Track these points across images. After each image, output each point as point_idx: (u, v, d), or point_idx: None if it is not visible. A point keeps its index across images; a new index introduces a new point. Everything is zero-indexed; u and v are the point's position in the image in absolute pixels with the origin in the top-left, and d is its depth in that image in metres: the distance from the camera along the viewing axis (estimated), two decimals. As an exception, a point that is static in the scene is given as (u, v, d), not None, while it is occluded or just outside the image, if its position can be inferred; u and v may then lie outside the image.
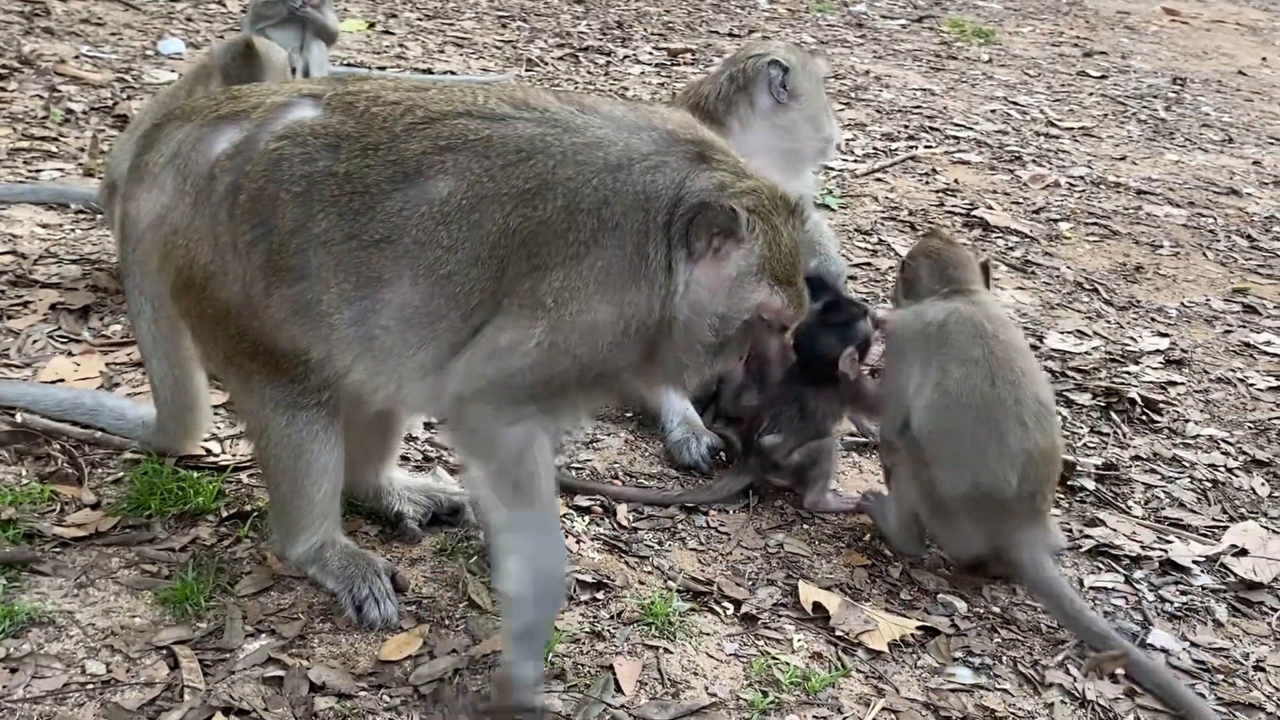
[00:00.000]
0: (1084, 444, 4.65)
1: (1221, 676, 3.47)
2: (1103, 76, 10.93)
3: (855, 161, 7.83)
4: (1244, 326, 5.87)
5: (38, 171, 5.84)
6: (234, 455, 3.83)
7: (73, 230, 5.29)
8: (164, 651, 3.02)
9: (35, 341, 4.38)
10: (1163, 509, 4.27)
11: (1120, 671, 3.37)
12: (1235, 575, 3.90)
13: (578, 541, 3.67)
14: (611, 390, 3.10)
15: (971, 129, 8.78)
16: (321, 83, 3.23)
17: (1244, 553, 4.00)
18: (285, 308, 2.97)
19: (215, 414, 3.98)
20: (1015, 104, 9.63)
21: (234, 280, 2.99)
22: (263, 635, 3.12)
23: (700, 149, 2.96)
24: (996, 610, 3.61)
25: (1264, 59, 12.42)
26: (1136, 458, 4.59)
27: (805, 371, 3.99)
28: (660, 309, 2.88)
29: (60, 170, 5.90)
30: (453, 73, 8.42)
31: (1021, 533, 3.58)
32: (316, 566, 3.29)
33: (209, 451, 3.85)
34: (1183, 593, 3.82)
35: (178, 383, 3.51)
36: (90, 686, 2.89)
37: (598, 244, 2.84)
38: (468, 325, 2.93)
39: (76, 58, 7.55)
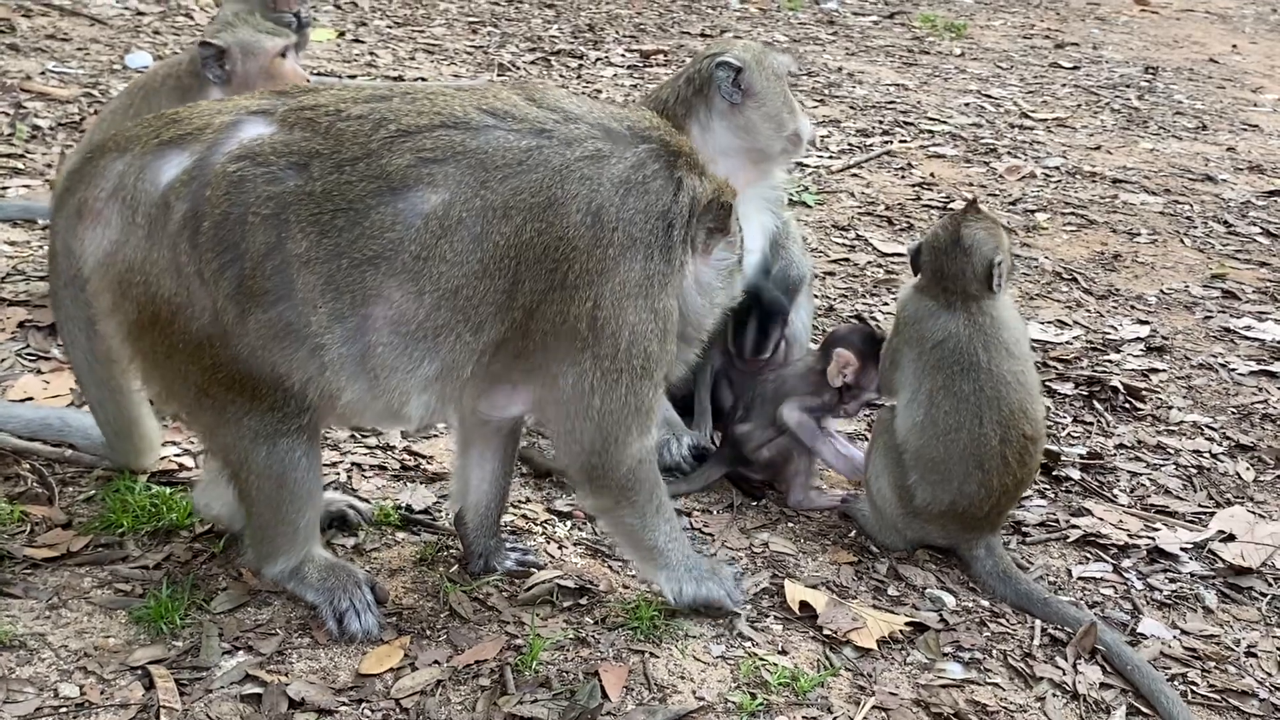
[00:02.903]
0: (1068, 433, 4.62)
1: (1213, 664, 3.44)
2: (1075, 67, 10.94)
3: (831, 158, 7.80)
4: (1223, 312, 5.85)
5: (4, 189, 5.76)
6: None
7: (40, 247, 5.20)
8: (139, 672, 2.95)
9: (3, 360, 4.31)
10: (1149, 496, 4.25)
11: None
12: (1223, 561, 3.88)
13: (560, 547, 3.62)
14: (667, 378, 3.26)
15: (946, 123, 8.76)
16: (266, 97, 3.08)
17: (1231, 538, 3.98)
18: (263, 333, 2.87)
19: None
20: (989, 97, 9.63)
21: (202, 310, 2.88)
22: (240, 652, 3.05)
23: (691, 158, 3.14)
24: (985, 604, 3.58)
25: (1234, 46, 12.45)
26: (1121, 446, 4.56)
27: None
28: (679, 304, 3.11)
29: (27, 186, 5.82)
30: (424, 79, 8.36)
31: (980, 537, 3.70)
32: (295, 581, 3.23)
33: (182, 466, 3.78)
34: (1171, 580, 3.79)
35: (119, 406, 3.43)
36: (64, 710, 2.82)
37: (627, 258, 2.95)
38: (479, 337, 2.94)
39: (43, 74, 7.46)
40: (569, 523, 3.75)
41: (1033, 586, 3.61)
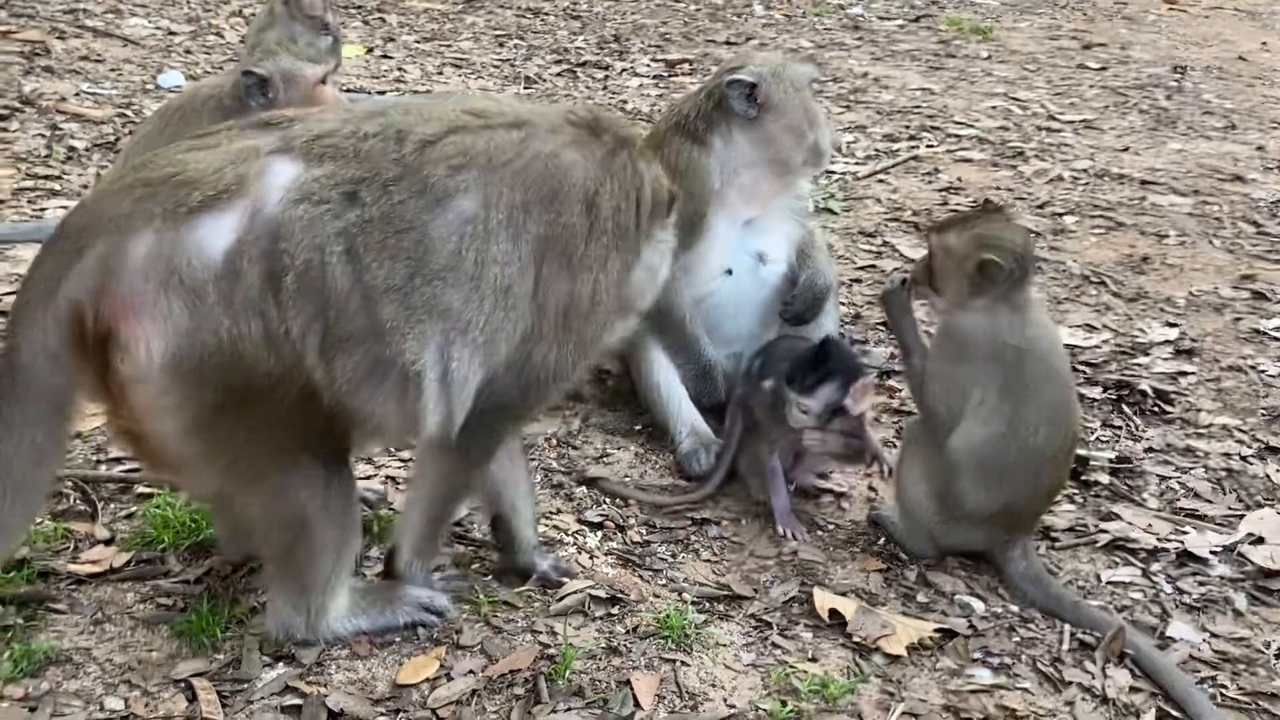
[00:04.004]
0: (1097, 438, 4.63)
1: (1243, 666, 3.45)
2: (1103, 68, 10.91)
3: (857, 164, 7.83)
4: (1253, 313, 5.84)
5: (42, 210, 5.87)
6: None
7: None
8: (182, 685, 3.02)
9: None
10: (1178, 500, 4.25)
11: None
12: (1253, 564, 3.88)
13: (591, 557, 3.67)
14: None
15: (973, 126, 8.76)
16: (256, 134, 2.90)
17: (1261, 541, 3.97)
18: (350, 376, 2.81)
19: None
20: (1016, 99, 9.62)
21: (297, 369, 2.76)
22: (280, 664, 3.12)
23: (643, 147, 3.34)
24: (1014, 609, 3.60)
25: (1264, 43, 12.37)
26: (1150, 449, 4.57)
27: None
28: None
29: (64, 208, 5.91)
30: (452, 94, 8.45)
31: (1018, 539, 3.71)
32: (353, 617, 3.21)
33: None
34: (1201, 584, 3.80)
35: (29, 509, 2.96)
36: (109, 723, 2.90)
37: (615, 247, 3.12)
38: (516, 332, 2.99)
39: (77, 95, 7.59)
40: (600, 533, 3.80)
41: (1063, 591, 3.63)
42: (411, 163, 2.87)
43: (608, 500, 3.99)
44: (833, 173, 7.50)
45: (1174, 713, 3.24)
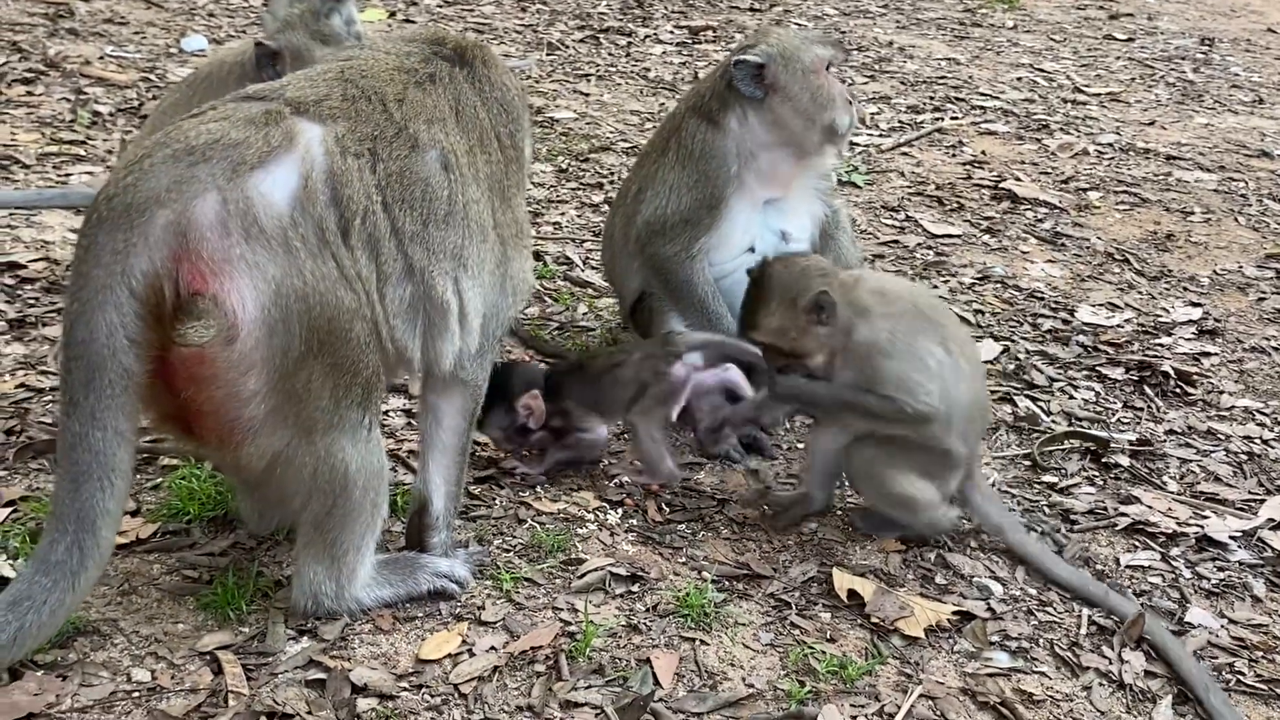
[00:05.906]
0: (1118, 419, 4.63)
1: (1261, 653, 3.46)
2: (1130, 39, 10.80)
3: (881, 136, 7.79)
4: (1277, 293, 5.81)
5: (67, 175, 5.89)
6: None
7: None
8: (207, 657, 3.06)
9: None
10: (1198, 483, 4.25)
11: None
12: (1273, 549, 3.89)
13: (611, 534, 3.70)
14: None
15: (998, 98, 8.70)
16: (261, 102, 2.97)
17: (1281, 526, 3.98)
18: (398, 311, 3.04)
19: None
20: (1041, 71, 9.54)
21: (369, 305, 2.96)
22: (304, 638, 3.15)
23: (490, 58, 3.51)
24: (1033, 592, 3.61)
25: (1294, 14, 12.24)
26: (1171, 432, 4.56)
27: None
28: None
29: (89, 173, 5.94)
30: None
31: (977, 462, 3.83)
32: (377, 587, 3.25)
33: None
34: (1220, 569, 3.81)
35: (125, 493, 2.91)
36: (136, 694, 2.93)
37: (519, 163, 3.47)
38: (494, 260, 3.29)
39: (101, 58, 7.58)
40: (620, 510, 3.81)
41: (1014, 514, 3.86)
42: (399, 120, 3.09)
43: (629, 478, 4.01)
44: (856, 145, 7.46)
45: (1187, 693, 3.25)
